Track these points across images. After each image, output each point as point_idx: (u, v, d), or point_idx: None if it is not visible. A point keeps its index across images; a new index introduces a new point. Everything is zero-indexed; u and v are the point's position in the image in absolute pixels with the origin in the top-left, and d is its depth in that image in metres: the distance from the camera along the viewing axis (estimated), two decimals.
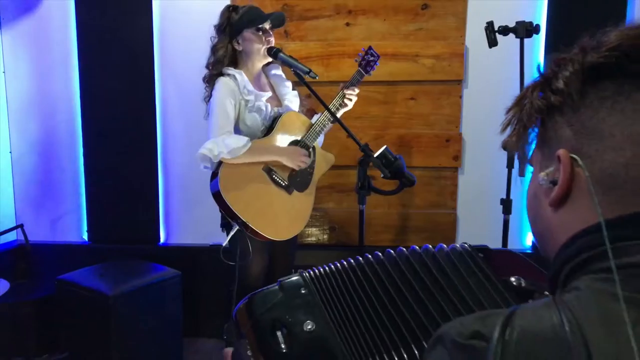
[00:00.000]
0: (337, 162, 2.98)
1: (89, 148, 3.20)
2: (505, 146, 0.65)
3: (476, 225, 3.06)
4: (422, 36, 3.02)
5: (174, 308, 2.88)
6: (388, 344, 0.71)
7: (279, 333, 0.70)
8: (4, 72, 3.21)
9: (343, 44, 3.06)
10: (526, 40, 2.42)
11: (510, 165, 2.47)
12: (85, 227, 3.29)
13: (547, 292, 0.73)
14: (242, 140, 2.21)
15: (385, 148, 2.06)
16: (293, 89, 2.53)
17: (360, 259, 0.84)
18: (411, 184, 2.05)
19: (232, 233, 2.26)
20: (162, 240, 3.26)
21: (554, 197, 0.58)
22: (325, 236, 3.20)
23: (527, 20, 2.42)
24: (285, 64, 2.31)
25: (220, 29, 2.37)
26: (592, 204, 0.54)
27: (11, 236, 3.19)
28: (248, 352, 0.73)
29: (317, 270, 0.82)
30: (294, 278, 0.80)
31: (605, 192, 0.54)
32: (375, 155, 2.05)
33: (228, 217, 2.25)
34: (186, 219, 3.26)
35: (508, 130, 0.64)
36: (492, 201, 2.67)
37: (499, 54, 2.62)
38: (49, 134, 3.25)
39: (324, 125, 2.45)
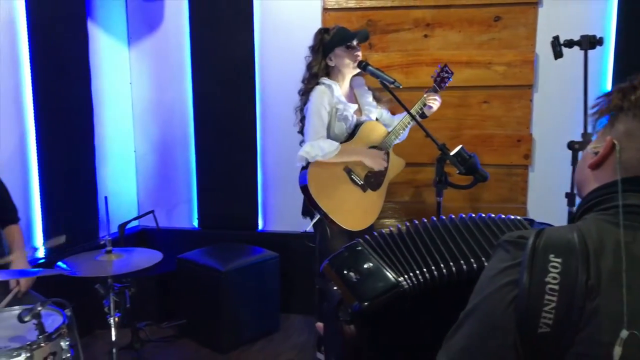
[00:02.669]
0: (414, 159, 3.33)
1: (199, 147, 3.73)
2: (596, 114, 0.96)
3: (544, 218, 3.27)
4: (494, 45, 3.31)
5: (272, 285, 3.34)
6: (415, 268, 1.08)
7: (351, 273, 1.10)
8: (130, 82, 3.80)
9: (421, 53, 3.40)
10: (595, 49, 2.65)
11: (575, 163, 2.72)
12: (195, 215, 3.83)
13: None
14: (334, 145, 2.60)
15: (461, 147, 2.37)
16: (374, 100, 2.89)
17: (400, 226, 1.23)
18: (484, 180, 2.35)
19: (314, 220, 2.64)
20: (260, 227, 3.74)
21: (592, 162, 0.93)
22: (403, 227, 3.54)
23: (595, 29, 2.64)
24: (372, 75, 2.67)
25: (314, 49, 2.75)
26: (614, 173, 0.88)
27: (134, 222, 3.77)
28: (334, 287, 1.14)
29: (368, 236, 1.21)
30: (352, 243, 1.20)
31: (623, 171, 0.88)
32: (452, 153, 2.37)
33: (311, 207, 2.63)
34: (280, 209, 3.71)
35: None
36: (559, 196, 2.91)
37: (567, 60, 2.84)
38: (167, 135, 3.81)
39: (403, 129, 2.79)
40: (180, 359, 3.17)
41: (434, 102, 2.79)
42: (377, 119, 2.87)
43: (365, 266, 1.11)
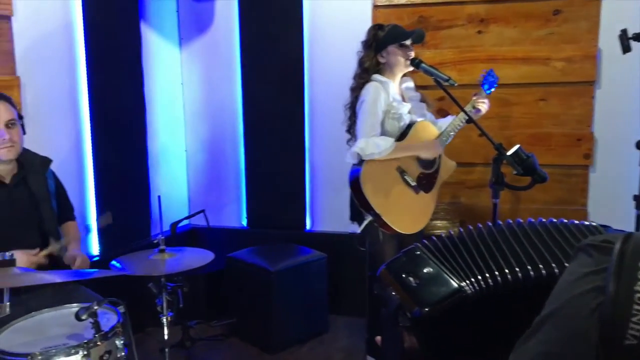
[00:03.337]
0: (467, 159, 3.24)
1: (248, 147, 3.74)
2: None
3: (607, 221, 3.12)
4: (553, 40, 3.17)
5: (320, 286, 3.31)
6: (477, 273, 1.03)
7: (410, 277, 1.07)
8: (182, 83, 3.85)
9: (474, 50, 3.29)
10: None
11: None
12: (244, 214, 3.84)
13: None
14: (389, 142, 2.52)
15: (519, 147, 2.28)
16: (422, 101, 2.82)
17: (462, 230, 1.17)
18: (543, 181, 2.25)
19: (365, 223, 2.55)
20: (307, 227, 3.72)
21: None
22: (455, 229, 3.44)
23: None
24: (426, 73, 2.59)
25: (366, 44, 2.70)
26: None
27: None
28: (393, 292, 1.10)
29: (426, 241, 1.16)
30: (410, 247, 1.16)
31: None
32: (509, 153, 2.28)
33: (362, 208, 2.54)
34: (328, 209, 3.67)
35: None
36: (624, 198, 2.77)
37: (635, 55, 2.69)
38: (217, 135, 3.85)
39: (456, 129, 2.70)
40: (229, 358, 3.18)
41: (483, 105, 2.70)
42: None
43: (425, 271, 1.08)
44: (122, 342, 1.88)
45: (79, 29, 3.02)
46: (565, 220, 1.15)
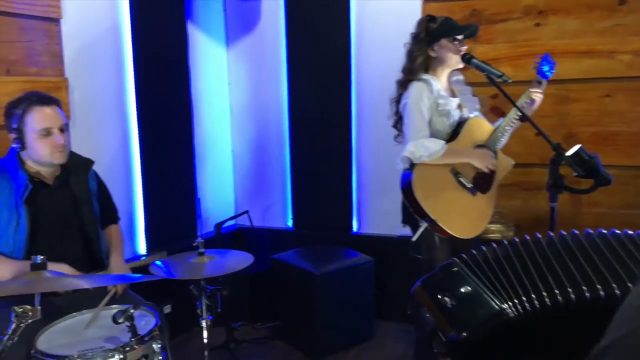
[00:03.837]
0: (524, 160, 3.05)
1: (294, 146, 3.69)
2: None
3: None
4: (619, 32, 2.94)
5: (367, 290, 3.21)
6: (521, 294, 0.90)
7: (446, 297, 0.95)
8: (229, 83, 3.85)
9: (532, 44, 3.10)
10: None
11: None
12: (290, 215, 3.79)
13: None
14: (439, 144, 2.40)
15: (580, 147, 2.11)
16: (474, 96, 2.67)
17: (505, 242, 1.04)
18: (607, 183, 2.07)
19: (421, 229, 2.42)
20: (354, 229, 3.63)
21: None
22: (510, 233, 3.27)
23: None
24: (477, 68, 2.46)
25: (417, 37, 2.57)
26: None
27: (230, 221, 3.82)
28: (427, 314, 0.99)
29: (464, 255, 1.04)
30: (447, 262, 1.04)
31: None
32: (568, 153, 2.11)
33: (415, 214, 2.42)
34: (376, 211, 3.57)
35: None
36: None
37: None
38: (263, 135, 3.82)
39: (510, 126, 2.54)
40: None
41: (538, 96, 2.52)
42: None
43: (463, 290, 0.97)
44: (159, 345, 1.85)
45: (126, 31, 3.04)
46: (631, 232, 1.01)
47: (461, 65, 2.55)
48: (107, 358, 1.70)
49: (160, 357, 1.85)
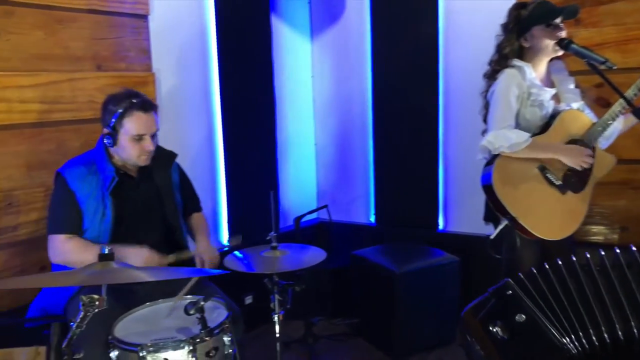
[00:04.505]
0: (632, 155, 2.76)
1: (378, 140, 3.60)
2: None
3: None
4: None
5: (452, 292, 3.05)
6: (588, 325, 0.75)
7: (497, 328, 0.81)
8: (312, 76, 3.82)
9: None
10: None
11: None
12: (372, 210, 3.70)
13: None
14: (523, 136, 2.19)
15: None
16: (576, 87, 2.42)
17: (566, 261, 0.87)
18: None
19: (500, 227, 2.25)
20: (440, 226, 3.47)
21: None
22: (615, 235, 2.97)
23: None
24: (577, 55, 2.22)
25: (507, 27, 2.37)
26: None
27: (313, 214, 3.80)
28: (477, 347, 0.85)
29: (521, 275, 0.88)
30: (500, 285, 0.89)
31: None
32: None
33: (496, 211, 2.24)
34: (464, 208, 3.39)
35: None
36: None
37: None
38: (346, 128, 3.76)
39: (613, 119, 2.27)
40: (351, 359, 3.07)
41: None
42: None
43: (517, 319, 0.83)
44: (229, 338, 1.85)
45: (211, 25, 3.10)
46: None
47: (560, 53, 2.32)
48: (177, 349, 1.72)
49: (231, 350, 1.85)
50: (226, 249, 3.13)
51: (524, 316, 0.84)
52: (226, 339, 1.84)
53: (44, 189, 2.35)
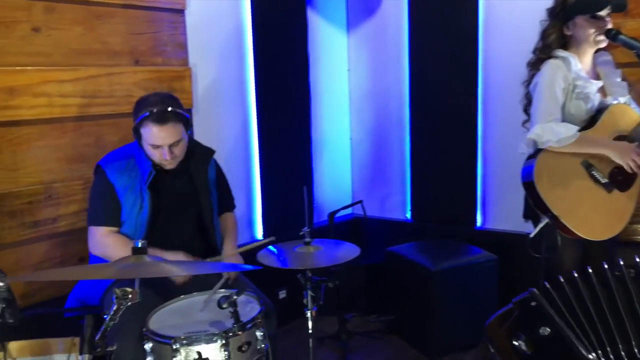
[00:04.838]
0: None
1: (415, 135, 3.53)
2: None
3: None
4: None
5: (489, 291, 2.98)
6: (617, 339, 0.70)
7: (521, 341, 0.79)
8: (348, 69, 3.78)
9: None
10: None
11: None
12: (408, 206, 3.65)
13: None
14: (571, 130, 2.11)
15: None
16: (623, 80, 2.31)
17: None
18: None
19: (540, 225, 2.17)
20: (478, 224, 3.39)
21: None
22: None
23: None
24: (625, 45, 2.12)
25: (553, 12, 2.28)
26: None
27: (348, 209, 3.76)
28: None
29: (548, 283, 0.85)
30: (525, 295, 0.85)
31: None
32: None
33: (537, 209, 2.17)
34: (503, 205, 3.30)
35: None
36: None
37: None
38: (382, 122, 3.71)
39: None
40: (386, 357, 3.03)
41: None
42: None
43: (542, 332, 0.79)
44: (262, 333, 1.84)
45: (247, 19, 3.09)
46: None
47: (604, 44, 2.22)
48: (210, 342, 1.73)
49: (263, 345, 1.84)
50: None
51: (548, 329, 0.81)
52: (259, 333, 1.84)
53: (82, 182, 2.40)
